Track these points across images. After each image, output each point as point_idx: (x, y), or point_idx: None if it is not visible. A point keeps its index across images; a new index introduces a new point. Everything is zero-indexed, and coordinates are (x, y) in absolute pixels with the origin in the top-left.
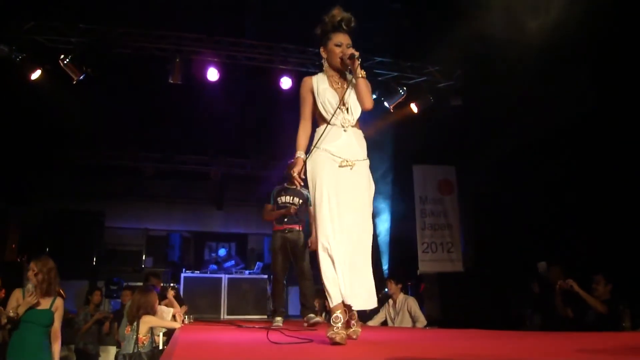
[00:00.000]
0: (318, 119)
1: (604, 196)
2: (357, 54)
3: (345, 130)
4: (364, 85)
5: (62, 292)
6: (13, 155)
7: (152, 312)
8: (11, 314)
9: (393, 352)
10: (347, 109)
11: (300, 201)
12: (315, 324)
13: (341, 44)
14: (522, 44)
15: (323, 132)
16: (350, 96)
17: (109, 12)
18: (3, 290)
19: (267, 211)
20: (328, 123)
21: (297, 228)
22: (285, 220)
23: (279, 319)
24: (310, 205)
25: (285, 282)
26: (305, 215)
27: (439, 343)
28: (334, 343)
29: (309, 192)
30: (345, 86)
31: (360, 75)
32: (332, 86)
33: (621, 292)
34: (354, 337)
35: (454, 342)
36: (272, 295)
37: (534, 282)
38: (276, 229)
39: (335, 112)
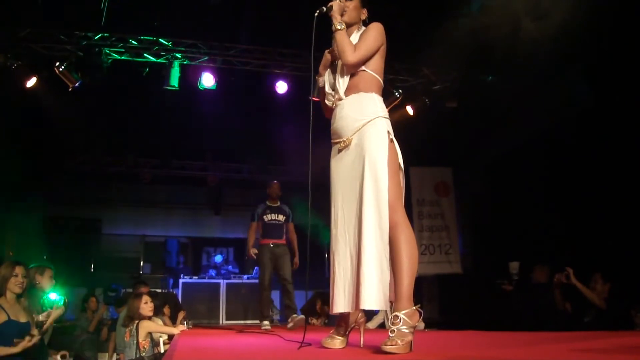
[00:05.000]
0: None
1: (602, 196)
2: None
3: (341, 105)
4: (337, 39)
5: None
6: (10, 162)
7: (138, 316)
8: (41, 319)
9: (391, 355)
10: (337, 79)
11: (284, 217)
12: (298, 323)
13: None
14: (517, 45)
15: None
16: (339, 63)
17: (104, 19)
18: None
19: (252, 229)
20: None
21: (283, 243)
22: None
23: (266, 322)
24: (292, 221)
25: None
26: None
27: (437, 345)
28: (325, 347)
29: (290, 209)
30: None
31: (335, 28)
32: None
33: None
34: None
35: (452, 344)
36: (260, 302)
37: (505, 283)
38: (263, 242)
39: (333, 90)
